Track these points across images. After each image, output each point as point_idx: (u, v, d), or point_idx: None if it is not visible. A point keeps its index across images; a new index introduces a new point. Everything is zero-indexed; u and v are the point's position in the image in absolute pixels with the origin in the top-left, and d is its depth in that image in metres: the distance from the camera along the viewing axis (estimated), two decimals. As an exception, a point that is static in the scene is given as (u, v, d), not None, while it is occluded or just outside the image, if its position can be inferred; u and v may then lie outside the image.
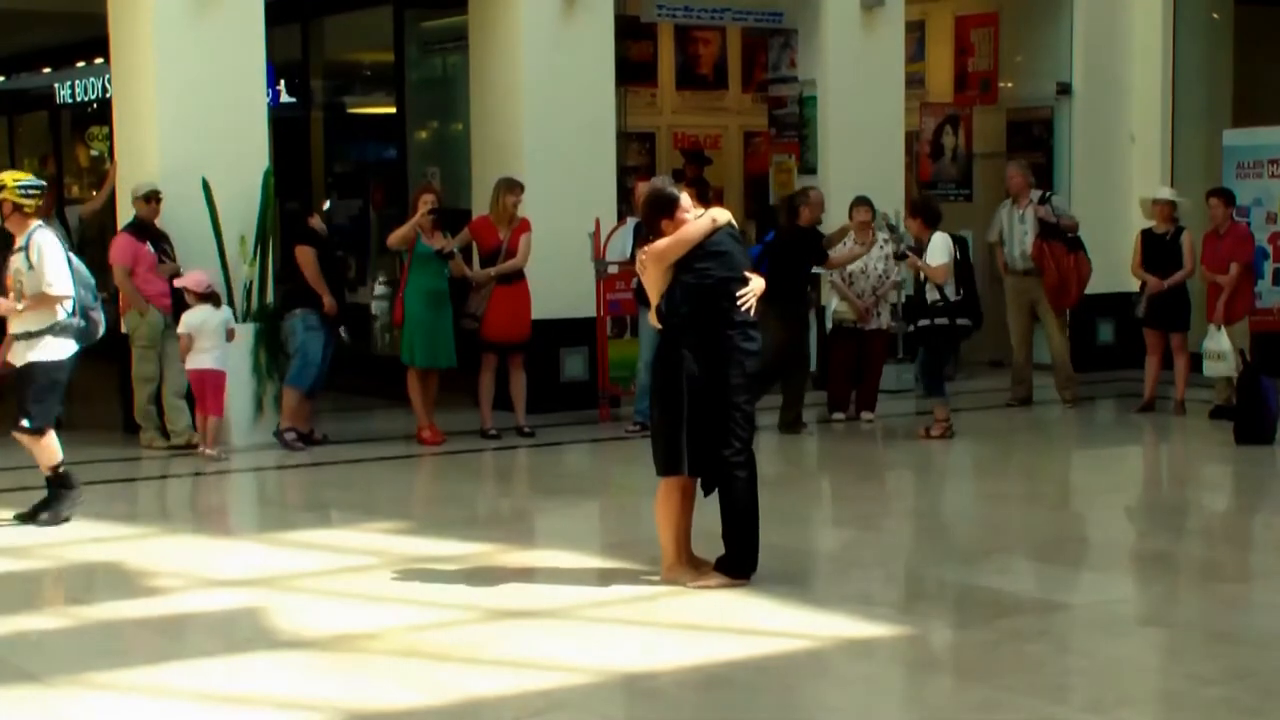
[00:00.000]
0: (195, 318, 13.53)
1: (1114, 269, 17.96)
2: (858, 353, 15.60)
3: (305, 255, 14.05)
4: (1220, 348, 15.28)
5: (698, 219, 9.07)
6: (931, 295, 14.59)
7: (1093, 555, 10.53)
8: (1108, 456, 14.84)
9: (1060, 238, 16.43)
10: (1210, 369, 15.43)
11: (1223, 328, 15.33)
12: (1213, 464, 14.22)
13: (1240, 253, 15.69)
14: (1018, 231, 16.59)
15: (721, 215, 9.20)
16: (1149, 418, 15.91)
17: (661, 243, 9.03)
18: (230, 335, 13.69)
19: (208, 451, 13.57)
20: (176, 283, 13.74)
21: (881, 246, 15.61)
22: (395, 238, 14.56)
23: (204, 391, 13.61)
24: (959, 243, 14.82)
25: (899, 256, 15.24)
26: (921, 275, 14.64)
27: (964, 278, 14.72)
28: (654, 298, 9.13)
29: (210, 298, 13.60)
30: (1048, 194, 16.83)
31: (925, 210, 15.04)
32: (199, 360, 13.53)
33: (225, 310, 13.74)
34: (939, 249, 14.52)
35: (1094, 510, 12.15)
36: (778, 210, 16.17)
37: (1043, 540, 10.97)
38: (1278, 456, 13.87)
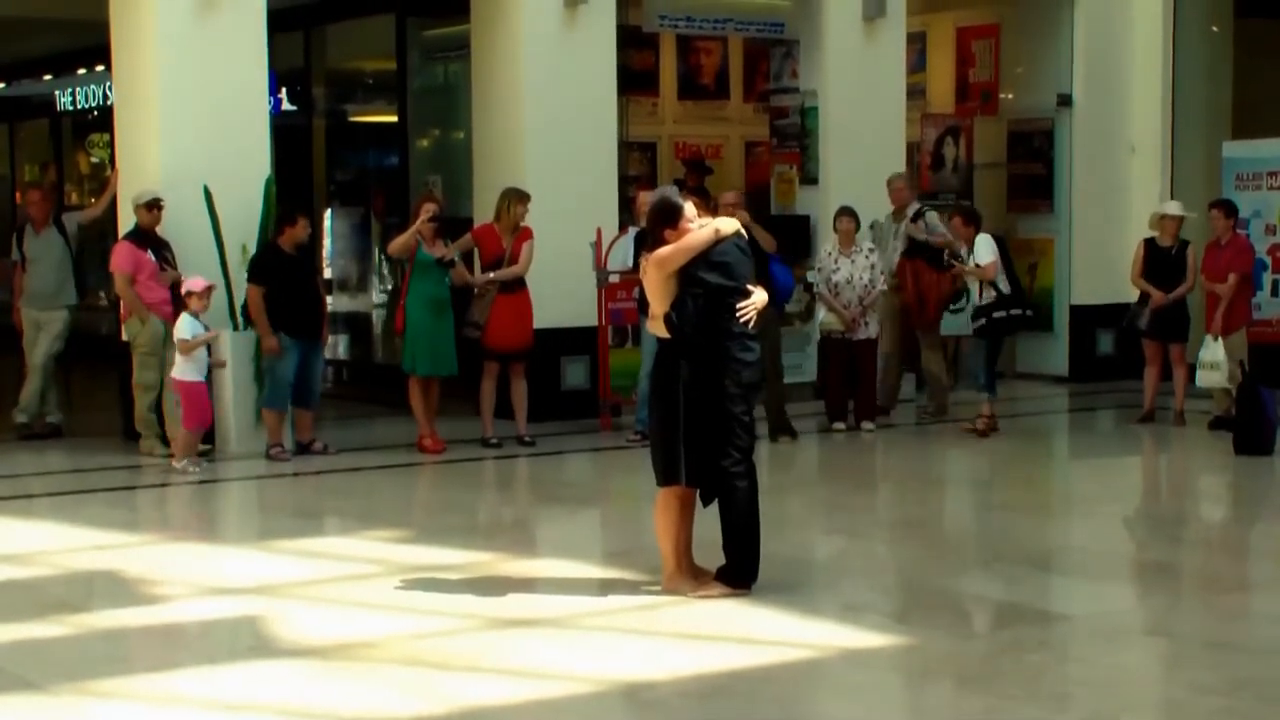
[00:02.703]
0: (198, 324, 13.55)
1: (1114, 280, 17.99)
2: (850, 362, 15.62)
3: (251, 295, 13.99)
4: (1215, 358, 15.31)
5: (701, 228, 9.09)
6: (986, 293, 15.22)
7: (1093, 565, 10.52)
8: (1108, 466, 14.85)
9: (927, 255, 16.34)
10: (1204, 379, 15.45)
11: (1219, 338, 15.36)
12: (1212, 474, 14.24)
13: (1240, 263, 15.71)
14: (890, 245, 16.47)
15: (727, 225, 9.20)
16: (1149, 428, 15.93)
17: (664, 250, 9.05)
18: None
19: (177, 464, 13.56)
20: (188, 284, 13.64)
21: (866, 256, 15.60)
22: (396, 245, 14.60)
23: (206, 400, 13.61)
24: (999, 240, 15.48)
25: (945, 267, 15.44)
26: (962, 280, 15.45)
27: (1009, 272, 15.43)
28: (655, 304, 9.15)
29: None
30: (923, 209, 16.66)
31: (971, 213, 15.71)
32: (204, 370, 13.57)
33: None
34: (985, 248, 15.22)
35: (1094, 520, 12.14)
36: None
37: (1043, 550, 10.99)
38: (1277, 467, 13.88)
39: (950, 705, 7.56)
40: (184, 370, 13.45)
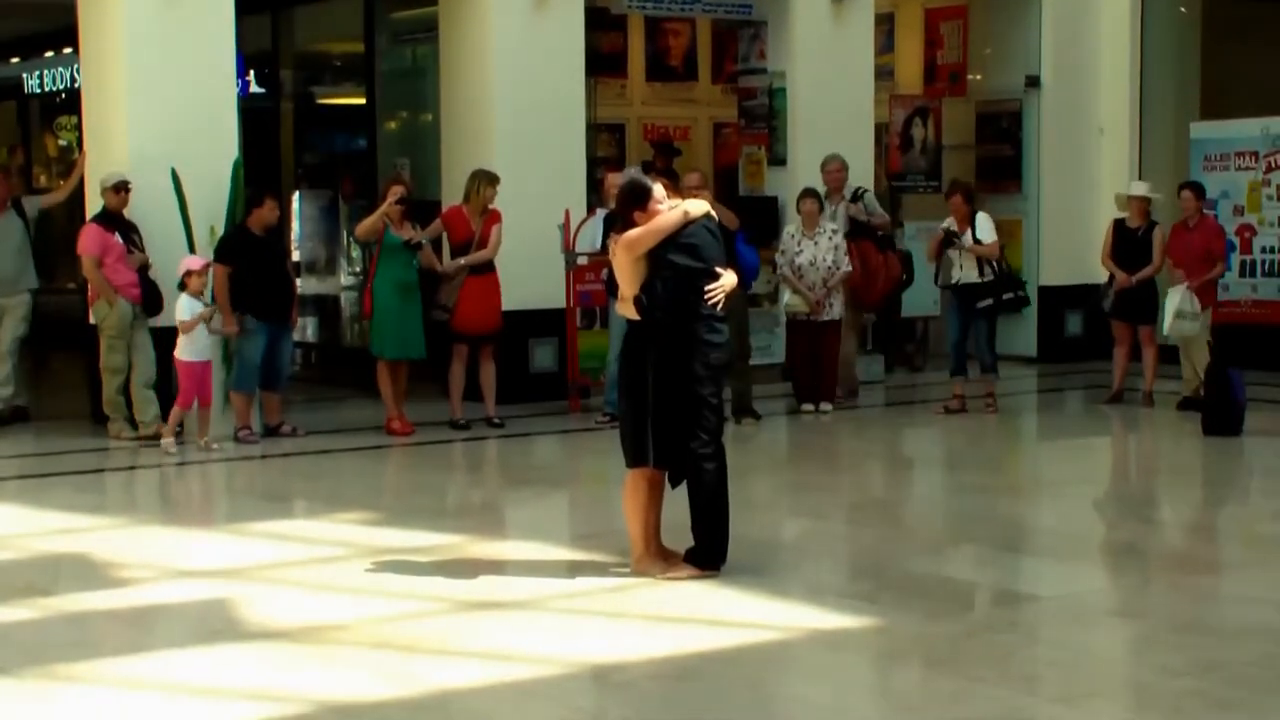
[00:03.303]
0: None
1: (1082, 261, 18.05)
2: (815, 344, 15.62)
3: (216, 274, 13.89)
4: (1188, 307, 15.28)
5: (670, 210, 9.07)
6: (977, 272, 15.37)
7: (1062, 546, 10.54)
8: (1077, 448, 14.88)
9: (871, 236, 16.34)
10: (1174, 329, 15.41)
11: (1188, 288, 15.34)
12: (1181, 455, 14.27)
13: (1216, 246, 15.74)
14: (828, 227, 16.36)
15: (697, 207, 9.19)
16: (1118, 409, 15.97)
17: (633, 232, 9.03)
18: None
19: (165, 441, 13.56)
20: (186, 264, 13.61)
21: (830, 238, 15.59)
22: (363, 229, 14.56)
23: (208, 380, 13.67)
24: None
25: (946, 245, 15.44)
26: (961, 257, 15.36)
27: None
28: (624, 287, 9.13)
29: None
30: (860, 190, 16.59)
31: (970, 192, 15.87)
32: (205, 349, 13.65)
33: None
34: (986, 226, 15.40)
35: (1063, 501, 12.16)
36: None
37: (1012, 531, 11.01)
38: (1245, 448, 13.92)
39: (919, 686, 7.56)
40: (184, 350, 13.44)
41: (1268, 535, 10.87)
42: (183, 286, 13.55)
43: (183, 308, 13.47)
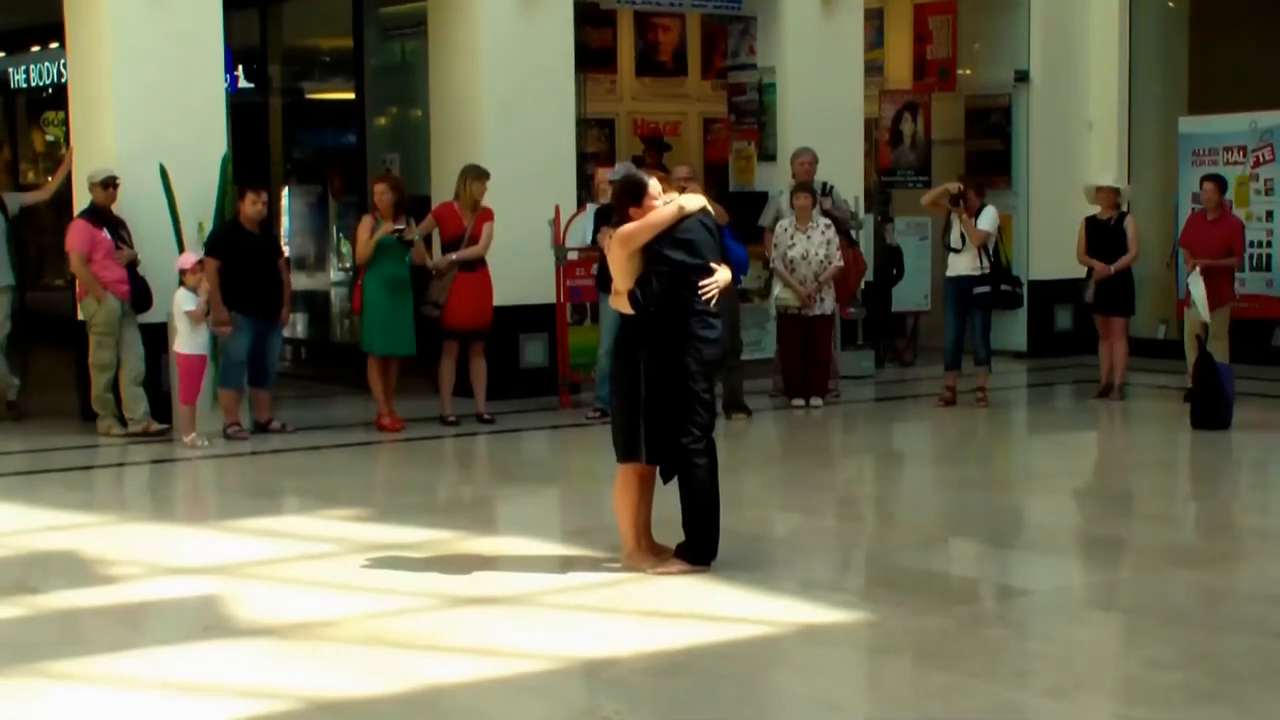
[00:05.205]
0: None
1: (1072, 256, 18.00)
2: (805, 338, 15.61)
3: (207, 267, 13.77)
4: (1198, 292, 15.26)
5: (666, 205, 9.06)
6: (974, 264, 15.49)
7: (1052, 540, 10.55)
8: (1066, 442, 14.89)
9: (841, 231, 16.14)
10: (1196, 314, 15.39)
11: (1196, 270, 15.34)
12: (1170, 450, 14.29)
13: (1237, 244, 15.73)
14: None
15: (692, 202, 9.18)
16: (1106, 403, 15.97)
17: (629, 226, 9.01)
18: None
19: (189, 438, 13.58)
20: (180, 263, 13.58)
21: (823, 232, 15.59)
22: (361, 254, 14.37)
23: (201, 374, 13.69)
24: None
25: (954, 202, 15.58)
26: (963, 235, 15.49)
27: (997, 250, 15.73)
28: (619, 281, 9.11)
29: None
30: (829, 185, 16.53)
31: (981, 186, 16.12)
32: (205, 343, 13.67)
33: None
34: (986, 218, 15.54)
35: (1052, 495, 12.16)
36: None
37: (1001, 525, 11.01)
38: (1234, 442, 13.93)
39: (910, 681, 7.56)
40: (184, 344, 13.44)
41: (1255, 529, 10.91)
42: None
43: (186, 300, 13.42)
